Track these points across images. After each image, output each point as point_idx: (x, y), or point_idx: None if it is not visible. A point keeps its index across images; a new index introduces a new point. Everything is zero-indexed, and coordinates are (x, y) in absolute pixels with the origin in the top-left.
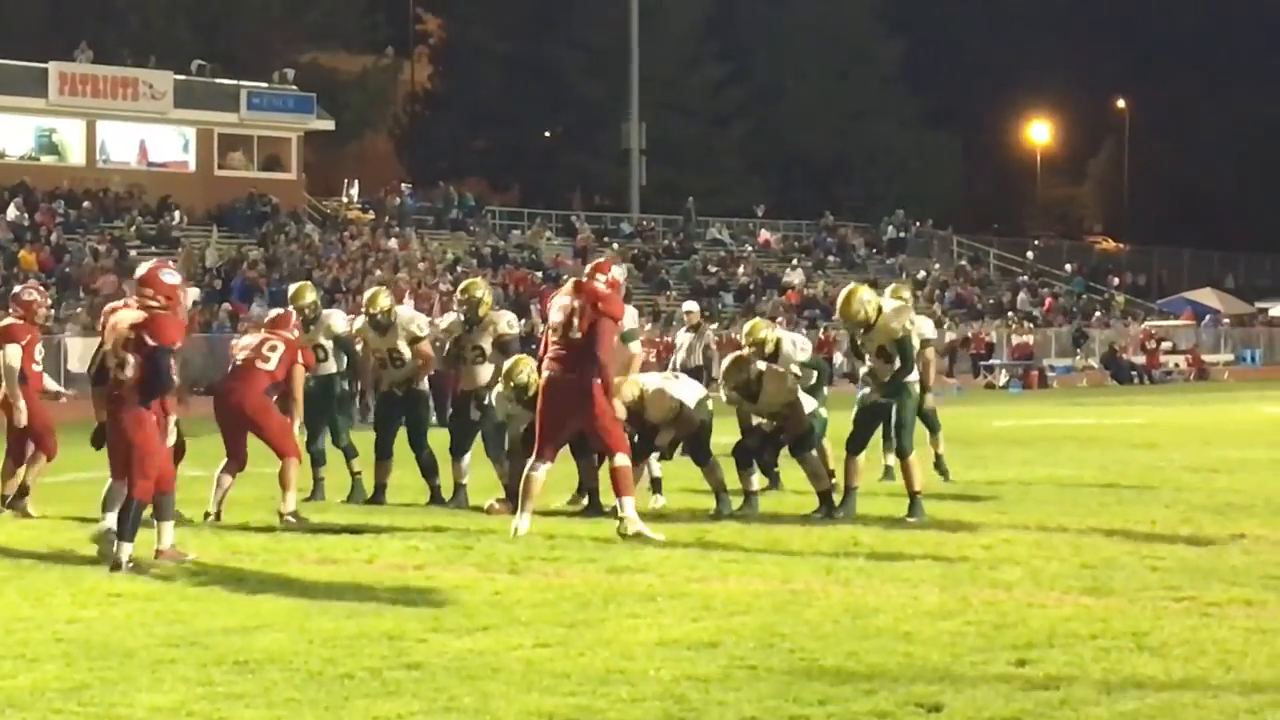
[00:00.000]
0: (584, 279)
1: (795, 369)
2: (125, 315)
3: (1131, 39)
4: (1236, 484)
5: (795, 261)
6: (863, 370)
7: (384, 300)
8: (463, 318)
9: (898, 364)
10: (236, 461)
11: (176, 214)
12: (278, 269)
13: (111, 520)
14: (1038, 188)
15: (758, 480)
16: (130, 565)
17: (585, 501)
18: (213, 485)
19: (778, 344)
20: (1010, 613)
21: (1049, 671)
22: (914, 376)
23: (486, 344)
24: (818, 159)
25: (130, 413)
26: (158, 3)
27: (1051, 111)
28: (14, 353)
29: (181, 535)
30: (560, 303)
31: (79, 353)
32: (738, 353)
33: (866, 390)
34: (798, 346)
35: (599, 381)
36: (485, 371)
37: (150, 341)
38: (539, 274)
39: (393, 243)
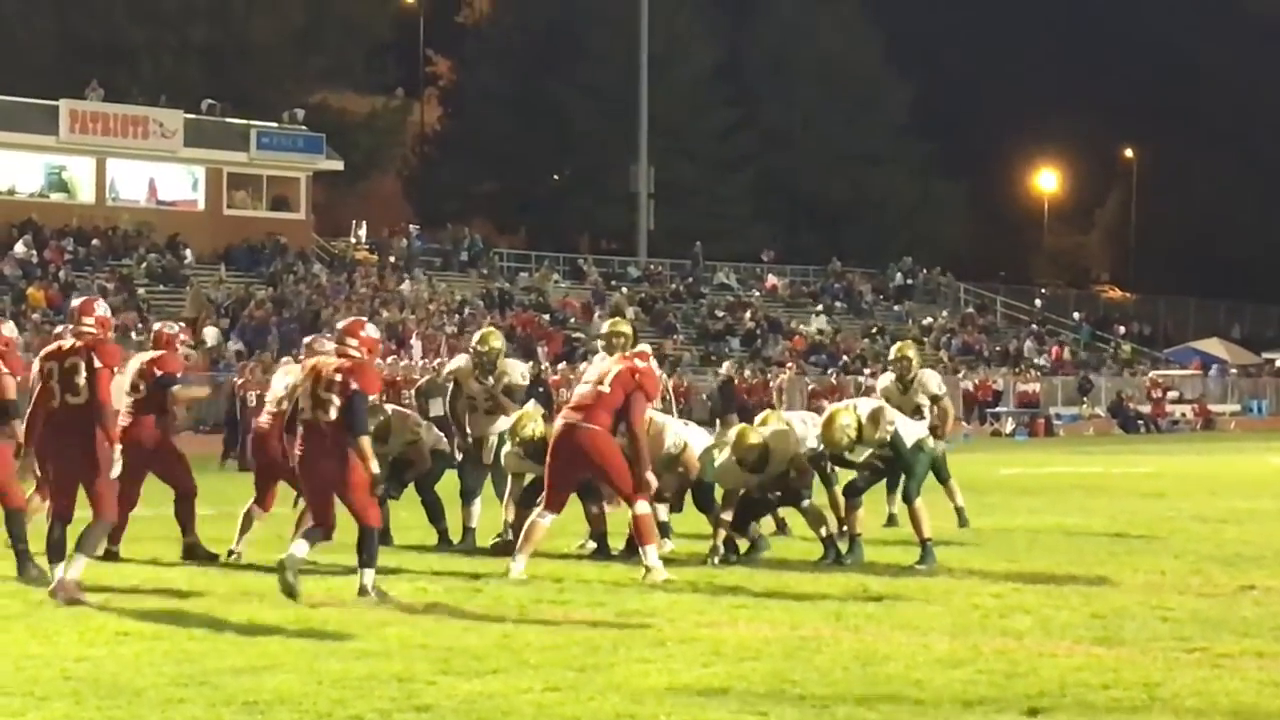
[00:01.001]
0: (628, 355)
1: (812, 443)
2: (328, 361)
3: (1139, 89)
4: (1246, 535)
5: (820, 308)
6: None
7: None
8: (475, 366)
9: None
10: (262, 505)
11: (186, 253)
12: (287, 309)
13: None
14: (1044, 236)
15: (762, 525)
16: (377, 593)
17: (594, 545)
18: (238, 522)
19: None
20: (1021, 662)
21: None
22: (923, 431)
23: (498, 392)
24: (825, 205)
25: (332, 455)
26: (168, 42)
27: (1059, 160)
28: None
29: (189, 574)
30: (601, 365)
31: None
32: (742, 428)
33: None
34: (809, 425)
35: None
36: (496, 418)
37: (353, 386)
38: (546, 316)
39: (405, 285)
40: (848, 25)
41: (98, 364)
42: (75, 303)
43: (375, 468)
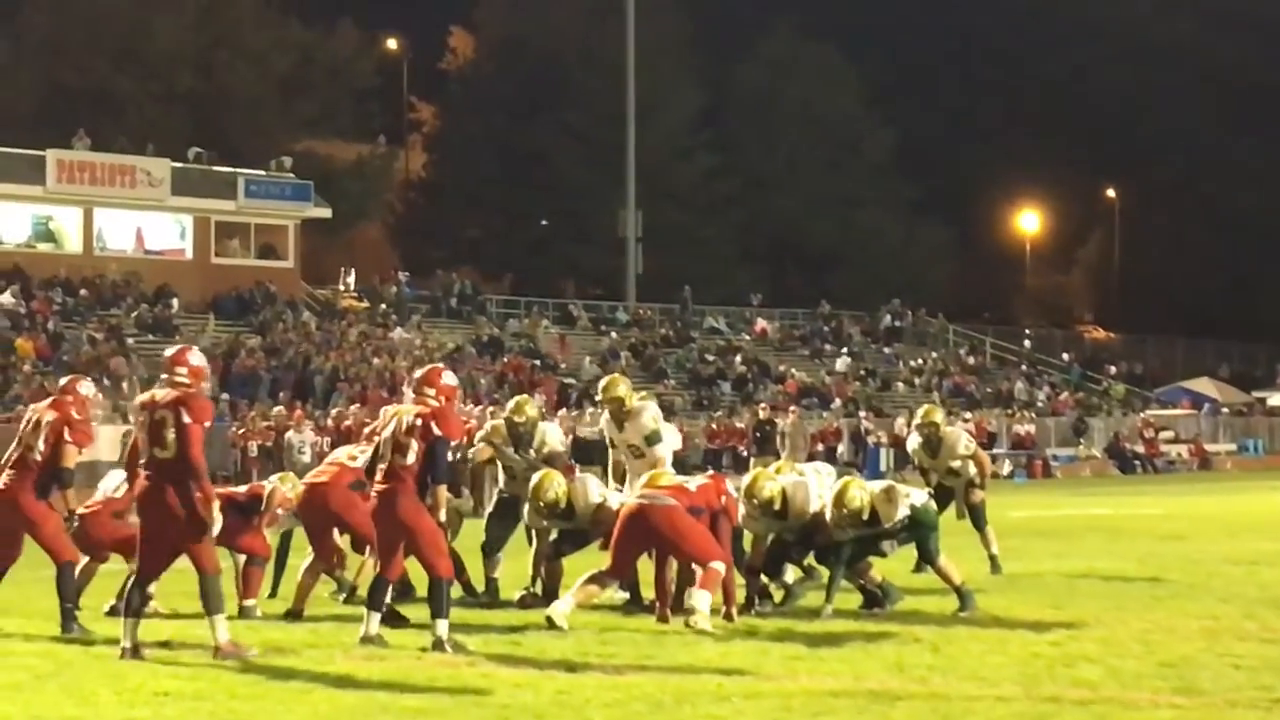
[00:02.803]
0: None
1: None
2: (409, 408)
3: (1121, 129)
4: None
5: (845, 350)
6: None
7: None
8: (511, 437)
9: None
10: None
11: (174, 302)
12: (276, 357)
13: None
14: (1026, 277)
15: (792, 574)
16: (452, 645)
17: (625, 595)
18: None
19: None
20: (1107, 715)
21: None
22: (924, 499)
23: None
24: (811, 248)
25: (409, 501)
26: (154, 91)
27: (1041, 201)
28: None
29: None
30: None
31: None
32: (757, 472)
33: None
34: (823, 475)
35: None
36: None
37: (436, 431)
38: (537, 362)
39: (397, 332)
40: (829, 69)
41: (187, 419)
42: (169, 351)
43: (442, 517)
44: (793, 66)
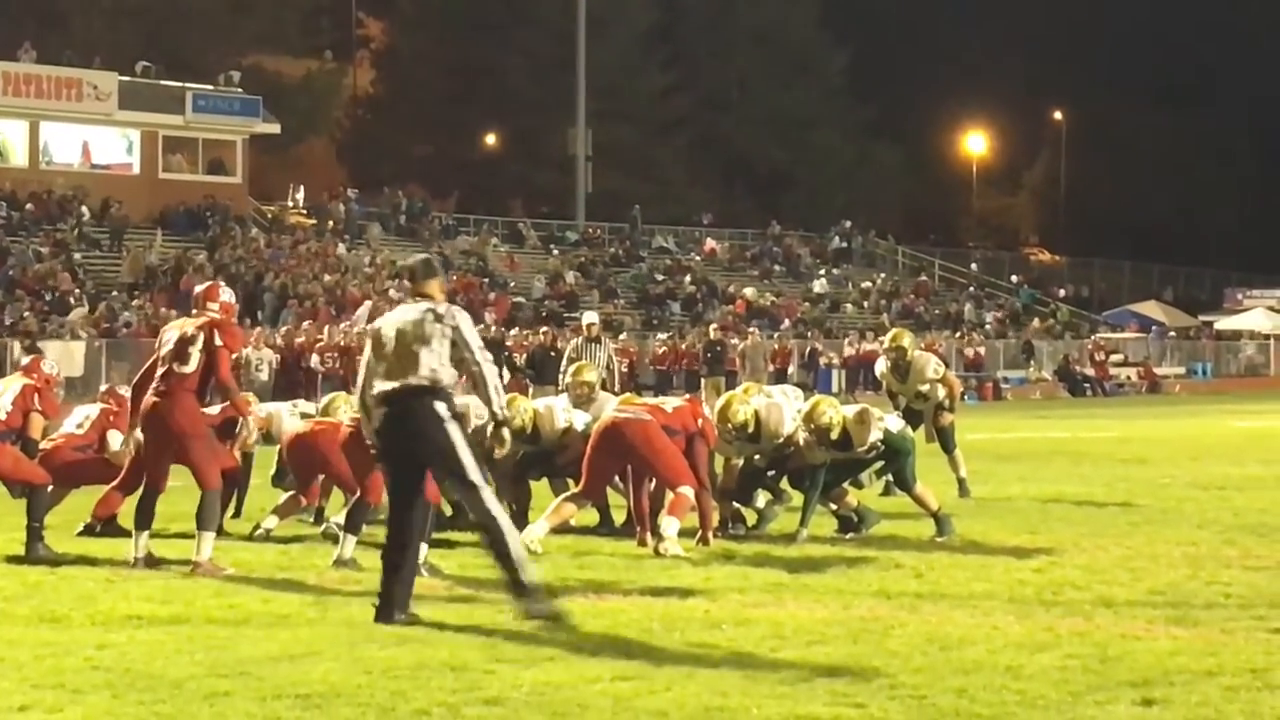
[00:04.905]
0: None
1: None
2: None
3: (1069, 52)
4: (1256, 502)
5: (822, 271)
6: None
7: None
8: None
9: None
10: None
11: (121, 217)
12: (222, 273)
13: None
14: (973, 199)
15: (762, 497)
16: (428, 568)
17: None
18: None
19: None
20: (1107, 645)
21: (1184, 714)
22: (900, 425)
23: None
24: (762, 168)
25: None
26: (101, 4)
27: (988, 122)
28: None
29: (185, 549)
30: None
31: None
32: (730, 395)
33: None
34: (790, 397)
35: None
36: None
37: (217, 341)
38: (486, 280)
39: (341, 249)
40: None
41: (219, 342)
42: (200, 288)
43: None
44: None
